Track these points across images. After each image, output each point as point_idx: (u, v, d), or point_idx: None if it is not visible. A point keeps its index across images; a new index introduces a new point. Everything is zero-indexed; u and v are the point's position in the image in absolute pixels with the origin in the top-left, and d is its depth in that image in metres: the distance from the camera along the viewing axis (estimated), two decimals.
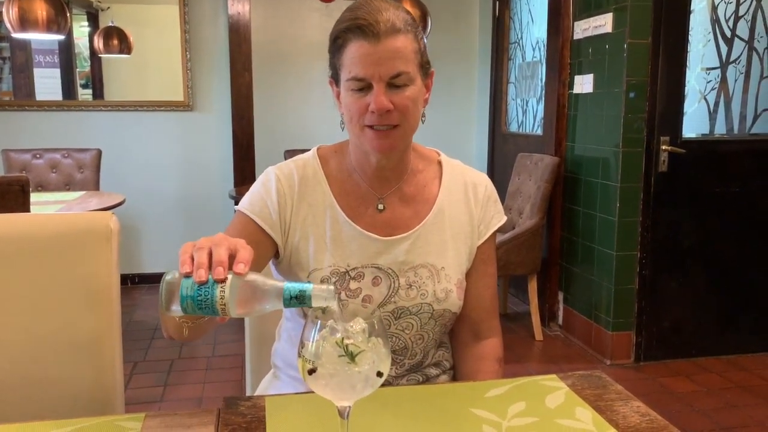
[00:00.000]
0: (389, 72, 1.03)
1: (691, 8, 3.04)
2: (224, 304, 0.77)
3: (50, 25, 3.09)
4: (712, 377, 3.03)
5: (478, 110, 4.82)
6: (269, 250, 1.15)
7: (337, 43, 1.07)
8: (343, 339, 0.76)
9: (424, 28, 3.76)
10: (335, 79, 1.11)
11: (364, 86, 1.05)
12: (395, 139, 1.08)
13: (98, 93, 4.46)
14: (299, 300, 0.77)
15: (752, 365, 3.15)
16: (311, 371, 0.76)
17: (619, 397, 1.01)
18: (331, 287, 0.78)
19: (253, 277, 0.79)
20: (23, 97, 4.31)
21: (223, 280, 0.77)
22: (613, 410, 0.96)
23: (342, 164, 1.19)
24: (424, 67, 1.10)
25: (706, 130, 3.43)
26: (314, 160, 1.19)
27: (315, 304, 0.77)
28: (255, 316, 0.77)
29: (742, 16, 3.32)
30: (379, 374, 0.78)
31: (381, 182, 1.17)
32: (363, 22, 1.02)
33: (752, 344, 3.27)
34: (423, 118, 1.14)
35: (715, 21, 3.30)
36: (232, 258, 0.79)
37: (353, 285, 1.13)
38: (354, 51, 1.04)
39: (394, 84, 1.04)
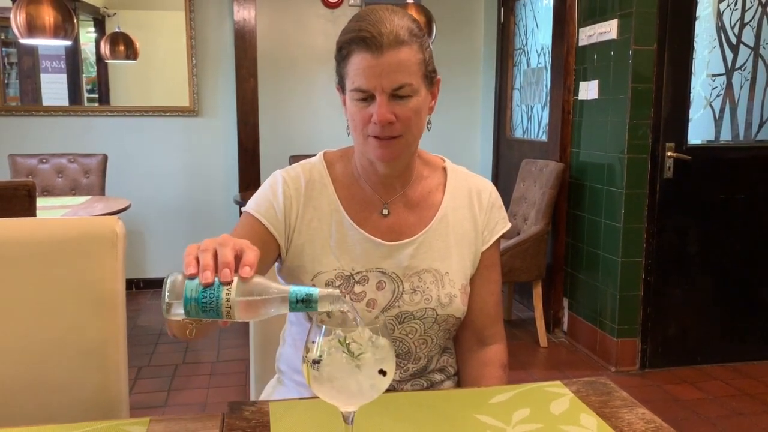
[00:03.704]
0: (392, 84, 1.03)
1: (697, 15, 3.04)
2: (229, 307, 0.76)
3: (57, 31, 3.11)
4: (718, 385, 3.01)
5: (483, 116, 4.82)
6: (274, 252, 1.16)
7: (342, 53, 1.07)
8: (345, 338, 0.76)
9: (429, 34, 3.77)
10: (342, 86, 1.12)
11: (367, 96, 1.05)
12: (398, 149, 1.09)
13: (104, 98, 4.48)
14: (305, 303, 0.77)
15: (758, 373, 3.13)
16: (315, 375, 0.77)
17: (624, 404, 1.01)
18: (337, 291, 0.78)
19: (258, 279, 0.78)
20: (30, 102, 4.34)
21: (229, 283, 0.76)
22: (618, 417, 0.96)
23: (347, 169, 1.20)
24: (429, 76, 1.10)
25: (712, 137, 3.42)
26: (320, 164, 1.20)
27: (321, 308, 0.77)
28: (258, 320, 0.77)
29: (748, 22, 3.32)
30: (383, 372, 0.78)
31: (386, 188, 1.18)
32: (366, 34, 1.02)
33: (758, 352, 3.25)
34: (429, 126, 1.14)
35: (720, 28, 3.30)
36: (237, 259, 0.79)
37: (357, 288, 1.13)
38: (357, 63, 1.04)
39: (397, 95, 1.04)
